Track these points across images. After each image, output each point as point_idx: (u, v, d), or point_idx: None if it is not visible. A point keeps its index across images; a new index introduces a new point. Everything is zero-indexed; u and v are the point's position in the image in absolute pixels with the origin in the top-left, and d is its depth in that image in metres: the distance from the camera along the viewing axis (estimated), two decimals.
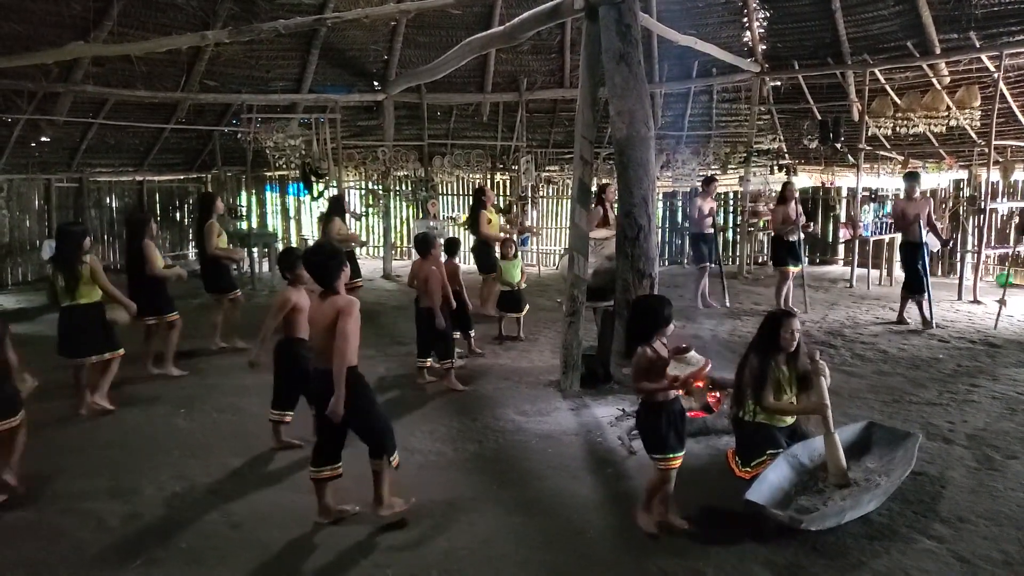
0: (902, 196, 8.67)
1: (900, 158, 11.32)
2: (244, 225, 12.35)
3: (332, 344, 3.66)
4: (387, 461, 3.82)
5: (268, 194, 14.22)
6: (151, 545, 3.67)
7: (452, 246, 7.27)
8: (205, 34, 8.39)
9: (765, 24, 11.82)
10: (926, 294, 8.02)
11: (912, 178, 8.45)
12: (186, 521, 3.92)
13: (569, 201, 9.58)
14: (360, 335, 3.80)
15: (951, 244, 8.77)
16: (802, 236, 8.85)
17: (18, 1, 8.84)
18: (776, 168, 12.57)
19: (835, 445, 3.98)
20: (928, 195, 9.16)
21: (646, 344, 3.68)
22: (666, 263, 13.19)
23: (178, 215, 13.74)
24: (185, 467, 4.58)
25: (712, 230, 9.57)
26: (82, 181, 11.81)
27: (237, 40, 10.00)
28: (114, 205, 12.65)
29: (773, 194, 11.45)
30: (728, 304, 9.25)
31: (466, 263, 12.33)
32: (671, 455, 3.68)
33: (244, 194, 13.53)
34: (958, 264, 10.42)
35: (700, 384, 4.34)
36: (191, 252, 13.54)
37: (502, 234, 9.14)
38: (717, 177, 10.44)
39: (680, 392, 3.74)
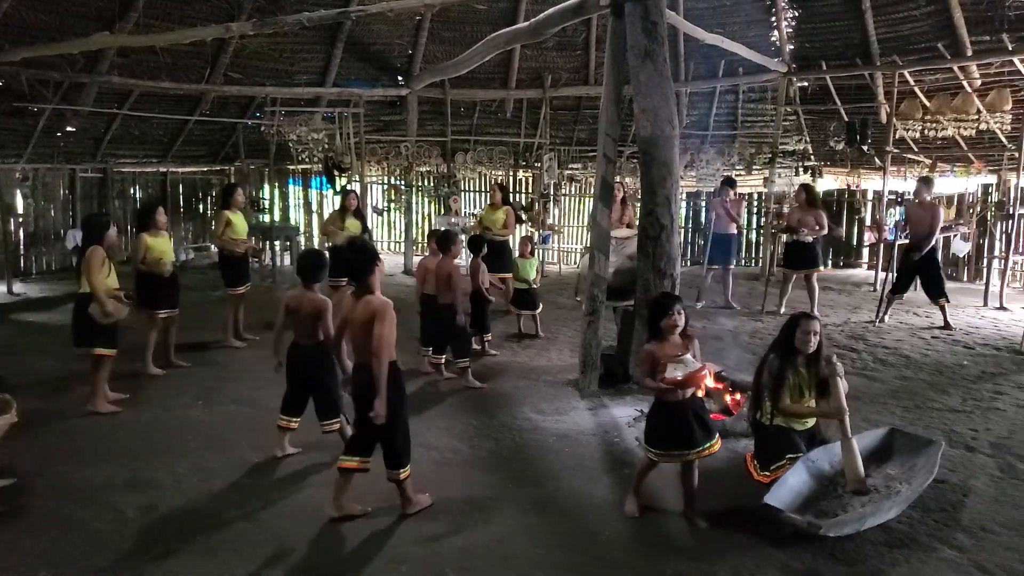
0: (912, 200, 8.60)
1: (928, 161, 11.14)
2: (266, 218, 12.42)
3: (367, 342, 3.70)
4: (398, 473, 3.81)
5: (291, 187, 14.32)
6: (167, 537, 3.69)
7: (476, 244, 7.22)
8: (230, 26, 8.44)
9: (793, 24, 11.67)
10: (900, 296, 8.50)
11: (923, 183, 8.42)
12: (202, 513, 3.94)
13: (591, 199, 9.49)
14: None
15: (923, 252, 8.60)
16: (808, 240, 8.62)
17: None
18: (801, 169, 12.43)
19: (852, 451, 3.91)
20: (937, 201, 9.02)
21: (654, 339, 3.87)
22: (687, 263, 13.08)
23: (201, 207, 13.86)
24: (202, 459, 4.60)
25: (735, 231, 9.45)
26: (106, 171, 11.95)
27: (261, 32, 10.05)
28: (138, 196, 12.79)
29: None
30: (700, 305, 9.13)
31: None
32: (653, 448, 3.84)
33: (267, 187, 13.61)
34: (984, 270, 10.26)
35: (700, 390, 4.22)
36: (212, 244, 13.68)
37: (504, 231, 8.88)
38: (734, 179, 10.35)
39: (684, 395, 3.77)
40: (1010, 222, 9.64)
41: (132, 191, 12.75)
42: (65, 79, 9.92)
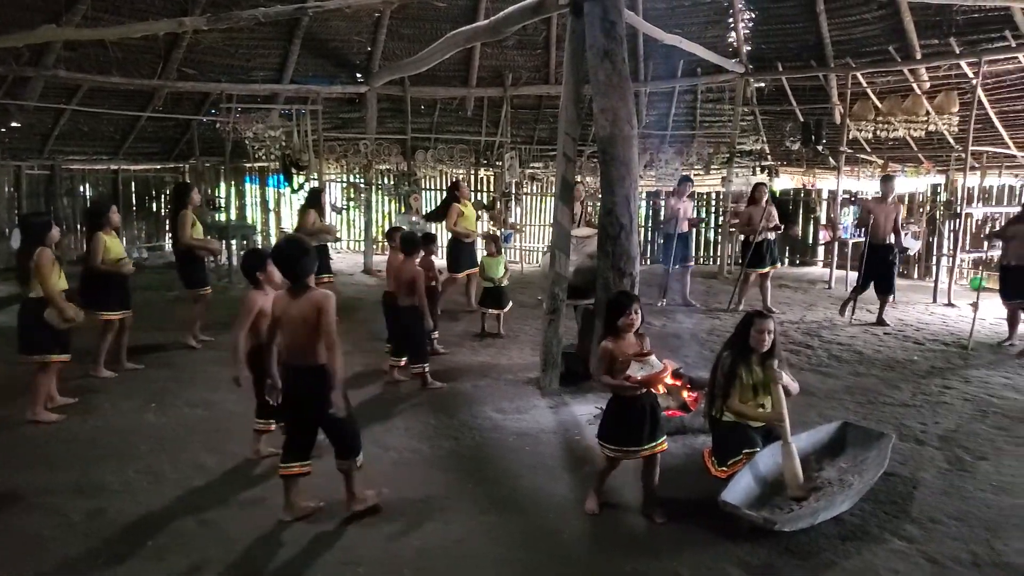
0: (876, 197, 8.73)
1: (880, 161, 11.42)
2: (222, 217, 12.17)
3: (309, 341, 3.61)
4: (354, 463, 3.78)
5: (248, 186, 14.06)
6: (115, 542, 3.59)
7: (428, 241, 7.14)
8: (182, 20, 8.24)
9: (750, 25, 11.85)
10: (859, 294, 8.40)
11: (888, 181, 8.60)
12: (152, 517, 3.84)
13: (553, 198, 9.51)
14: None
15: (907, 251, 9.16)
16: (772, 238, 8.86)
17: None
18: (758, 169, 12.63)
19: (791, 456, 3.94)
20: (898, 200, 9.26)
21: (611, 336, 3.87)
22: (647, 262, 13.21)
23: (154, 205, 13.53)
24: (154, 462, 4.49)
25: (685, 230, 9.52)
26: (54, 168, 11.55)
27: (216, 27, 9.83)
28: (88, 194, 12.43)
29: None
30: (663, 304, 9.20)
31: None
32: (611, 445, 3.83)
33: (223, 185, 13.35)
34: (933, 267, 10.54)
35: (661, 388, 4.28)
36: (167, 243, 13.37)
37: (470, 231, 8.87)
38: (692, 179, 10.45)
39: (642, 391, 3.78)
40: (958, 221, 9.94)
41: (81, 189, 12.38)
42: (9, 73, 9.57)
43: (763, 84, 12.50)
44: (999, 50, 9.52)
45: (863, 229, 8.60)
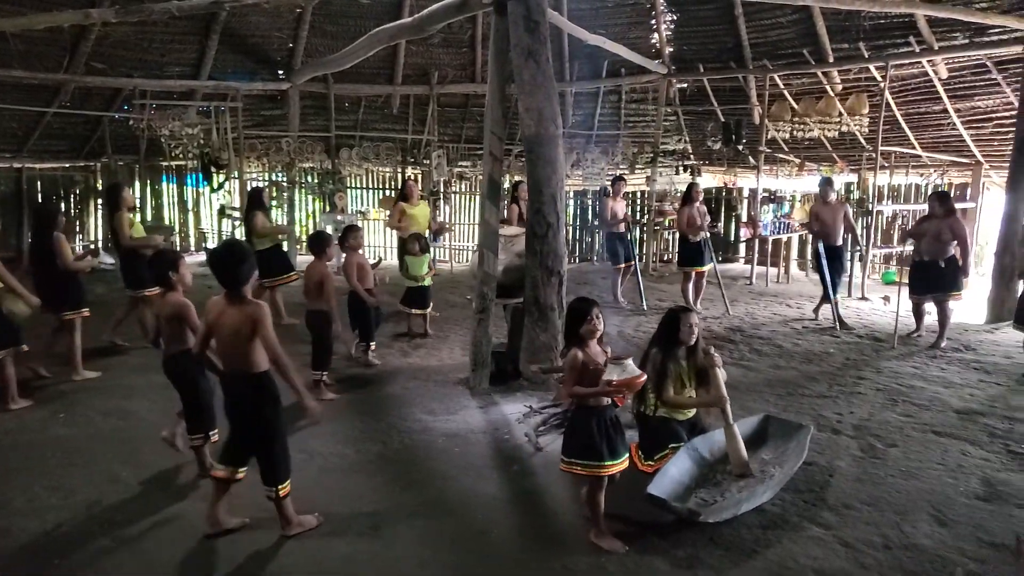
0: (819, 201, 8.57)
1: (797, 161, 11.85)
2: (136, 217, 11.67)
3: (241, 350, 3.52)
4: (277, 491, 3.60)
5: (164, 185, 13.52)
6: (19, 563, 3.38)
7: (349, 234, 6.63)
8: (89, 12, 7.85)
9: (672, 27, 12.12)
10: (832, 296, 8.17)
11: (828, 182, 8.62)
12: (61, 536, 3.63)
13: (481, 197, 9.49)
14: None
15: (860, 249, 9.78)
16: (708, 236, 9.07)
17: None
18: (681, 168, 12.92)
19: (735, 436, 4.09)
20: (842, 199, 9.28)
21: (576, 346, 3.64)
22: (576, 260, 13.37)
23: (63, 205, 12.83)
24: (63, 477, 4.25)
25: (624, 229, 9.66)
26: None
27: (126, 20, 9.40)
28: None
29: (678, 194, 11.76)
30: (645, 307, 9.15)
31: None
32: (604, 462, 3.54)
33: (137, 184, 12.79)
34: (848, 263, 11.00)
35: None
36: (79, 245, 12.72)
37: (408, 228, 8.71)
38: (625, 177, 10.63)
39: (606, 401, 3.61)
40: (870, 218, 10.41)
41: None
42: None
43: (685, 85, 12.80)
44: (904, 55, 10.01)
45: (815, 235, 8.51)
